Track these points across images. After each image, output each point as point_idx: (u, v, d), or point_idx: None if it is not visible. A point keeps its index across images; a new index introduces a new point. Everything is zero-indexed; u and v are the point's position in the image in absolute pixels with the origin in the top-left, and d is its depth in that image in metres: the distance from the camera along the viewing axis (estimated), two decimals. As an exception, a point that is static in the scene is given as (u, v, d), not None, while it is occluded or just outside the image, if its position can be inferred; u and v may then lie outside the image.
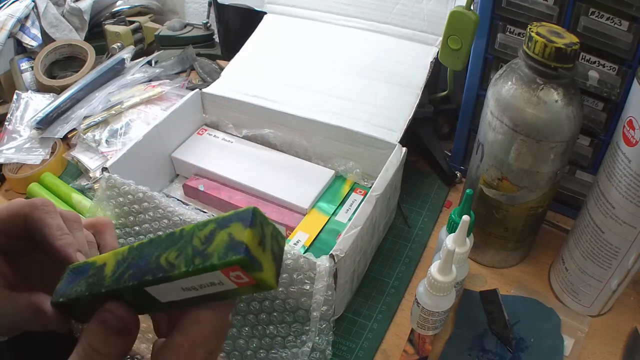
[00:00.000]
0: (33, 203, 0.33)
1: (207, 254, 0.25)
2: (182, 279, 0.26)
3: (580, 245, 0.54)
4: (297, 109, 0.67)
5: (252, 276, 0.25)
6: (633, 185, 0.45)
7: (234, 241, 0.25)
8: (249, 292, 0.26)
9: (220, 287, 0.26)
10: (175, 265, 0.26)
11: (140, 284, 0.27)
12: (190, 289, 0.27)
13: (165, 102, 0.83)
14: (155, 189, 0.66)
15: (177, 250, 0.27)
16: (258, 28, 0.79)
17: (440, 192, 0.72)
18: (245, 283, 0.25)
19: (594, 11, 0.50)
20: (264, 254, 0.26)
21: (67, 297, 0.31)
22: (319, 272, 0.47)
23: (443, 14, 0.67)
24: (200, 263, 0.25)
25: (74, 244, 0.33)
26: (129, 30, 0.97)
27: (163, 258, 0.27)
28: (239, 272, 0.25)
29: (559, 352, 0.53)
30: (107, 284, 0.29)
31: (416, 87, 0.67)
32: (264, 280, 0.25)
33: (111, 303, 0.28)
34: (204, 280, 0.26)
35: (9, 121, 0.81)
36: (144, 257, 0.28)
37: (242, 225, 0.25)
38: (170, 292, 0.27)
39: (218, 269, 0.25)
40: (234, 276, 0.25)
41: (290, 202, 0.63)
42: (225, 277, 0.25)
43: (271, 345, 0.51)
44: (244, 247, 0.24)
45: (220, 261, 0.25)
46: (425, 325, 0.50)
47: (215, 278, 0.25)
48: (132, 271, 0.28)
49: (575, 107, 0.48)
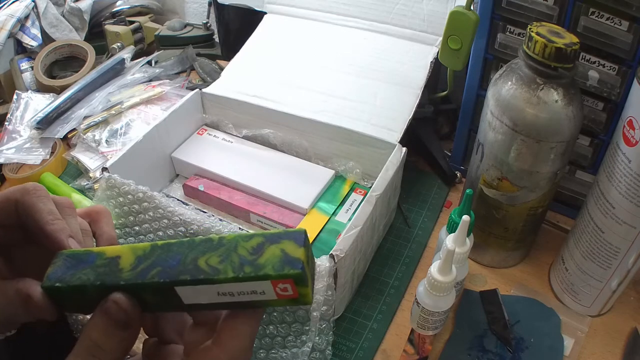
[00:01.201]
0: (24, 188, 0.32)
1: (258, 264, 0.27)
2: (227, 283, 0.27)
3: (580, 245, 0.54)
4: (297, 109, 0.67)
5: (299, 291, 0.27)
6: (633, 185, 0.45)
7: (290, 257, 0.27)
8: (283, 304, 0.28)
9: (260, 297, 0.27)
10: (221, 270, 0.27)
11: (173, 283, 0.27)
12: (227, 295, 0.27)
13: (165, 102, 0.83)
14: (155, 189, 0.66)
15: (219, 256, 0.27)
16: (258, 28, 0.79)
17: (440, 192, 0.72)
18: (287, 296, 0.27)
19: (594, 11, 0.50)
20: (309, 273, 0.27)
21: (67, 284, 0.29)
22: (319, 272, 0.48)
23: (443, 14, 0.67)
24: (252, 271, 0.26)
25: (65, 230, 0.31)
26: (129, 30, 0.97)
27: (202, 261, 0.27)
28: (288, 285, 0.26)
29: (559, 352, 0.53)
30: (127, 277, 0.28)
31: (416, 87, 0.67)
32: (307, 296, 0.27)
33: (117, 294, 0.28)
34: (248, 288, 0.27)
35: (9, 121, 0.81)
36: (174, 257, 0.28)
37: (295, 243, 0.27)
38: (201, 295, 0.28)
39: (271, 279, 0.26)
40: (281, 288, 0.27)
41: (290, 202, 0.63)
42: (271, 288, 0.27)
43: (271, 345, 0.51)
44: (301, 264, 0.26)
45: (275, 272, 0.26)
46: (425, 325, 0.50)
47: (260, 287, 0.27)
48: (160, 268, 0.28)
49: (575, 107, 0.48)
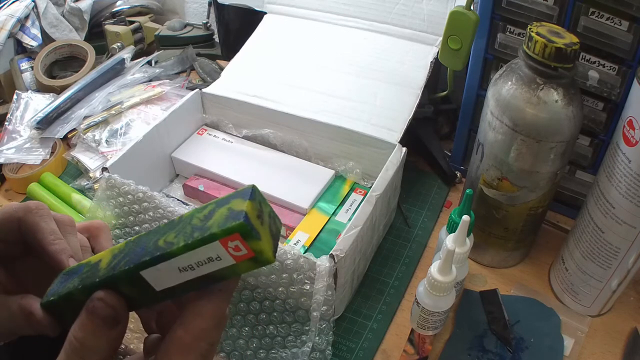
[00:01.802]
0: (27, 206, 0.33)
1: (206, 227, 0.26)
2: (181, 254, 0.26)
3: (580, 245, 0.54)
4: (297, 109, 0.67)
5: (251, 246, 0.25)
6: (633, 185, 0.45)
7: (233, 211, 0.25)
8: (246, 268, 0.27)
9: (219, 264, 0.26)
10: (174, 243, 0.26)
11: (136, 267, 0.27)
12: (187, 269, 0.27)
13: (165, 102, 0.83)
14: (155, 189, 0.66)
15: (176, 232, 0.27)
16: (258, 28, 0.79)
17: (440, 192, 0.72)
18: (243, 256, 0.26)
19: (594, 11, 0.50)
20: (262, 227, 0.26)
21: (58, 295, 0.30)
22: (319, 272, 0.47)
23: (443, 14, 0.67)
24: (199, 235, 0.26)
25: (66, 250, 0.32)
26: (129, 30, 0.97)
27: (161, 240, 0.27)
28: (237, 242, 0.25)
29: (559, 352, 0.53)
30: (102, 274, 0.29)
31: (416, 87, 0.67)
32: (263, 252, 0.26)
33: (100, 292, 0.28)
34: (202, 256, 0.26)
35: (9, 121, 0.81)
36: (141, 245, 0.28)
37: (241, 199, 0.26)
38: (166, 276, 0.27)
39: (218, 238, 0.25)
40: (233, 247, 0.25)
41: (290, 202, 0.63)
42: (223, 250, 0.26)
43: (271, 345, 0.51)
44: (243, 214, 0.25)
45: (219, 229, 0.25)
46: (425, 325, 0.50)
47: (213, 252, 0.26)
48: (128, 259, 0.28)
49: (575, 107, 0.48)
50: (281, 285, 0.49)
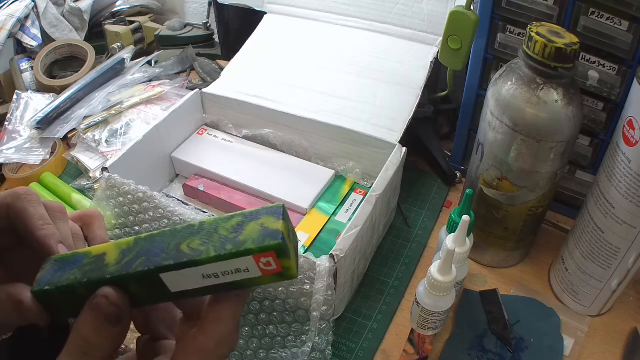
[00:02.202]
0: (15, 192, 0.32)
1: (239, 241, 0.27)
2: (210, 264, 0.27)
3: (580, 245, 0.54)
4: (297, 109, 0.67)
5: (282, 263, 0.27)
6: (633, 185, 0.45)
7: (269, 230, 0.27)
8: (269, 281, 0.27)
9: (244, 275, 0.27)
10: (203, 251, 0.27)
11: (157, 270, 0.27)
12: (212, 277, 0.27)
13: (165, 102, 0.83)
14: (155, 189, 0.66)
15: (200, 239, 0.27)
16: (258, 28, 0.79)
17: (440, 192, 0.72)
18: (271, 271, 0.27)
19: (594, 11, 0.50)
20: (290, 245, 0.27)
21: (56, 285, 0.29)
22: (319, 272, 0.47)
23: (443, 14, 0.67)
24: (234, 248, 0.26)
25: (56, 235, 0.31)
26: (129, 30, 0.97)
27: (184, 245, 0.27)
28: (270, 259, 0.26)
29: (559, 352, 0.53)
30: (112, 271, 0.28)
31: (416, 87, 0.67)
32: (290, 269, 0.27)
33: (105, 288, 0.28)
34: (232, 267, 0.27)
35: (9, 121, 0.81)
36: (157, 246, 0.28)
37: (274, 217, 0.27)
38: (187, 280, 0.28)
39: (252, 254, 0.26)
40: (264, 263, 0.26)
41: (290, 202, 0.63)
42: (254, 264, 0.27)
43: (271, 345, 0.51)
44: (281, 235, 0.26)
45: (256, 246, 0.26)
46: (425, 325, 0.50)
47: (244, 264, 0.27)
48: (144, 258, 0.28)
49: (575, 107, 0.48)
50: (281, 285, 0.49)
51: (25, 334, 0.34)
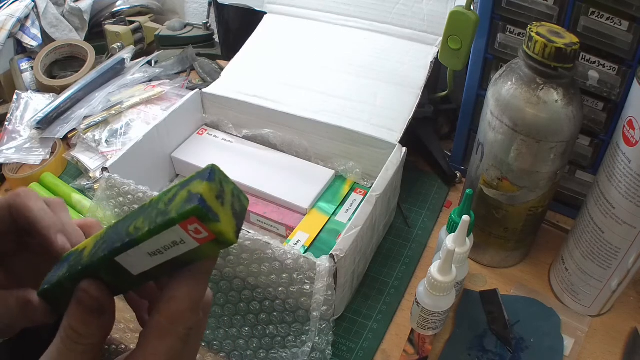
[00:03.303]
0: (15, 192, 0.34)
1: (167, 212, 0.26)
2: (146, 240, 0.26)
3: (580, 245, 0.54)
4: (297, 109, 0.67)
5: (210, 228, 0.25)
6: (633, 185, 0.45)
7: (191, 194, 0.25)
8: (210, 251, 0.27)
9: (184, 247, 0.26)
10: (141, 228, 0.27)
11: (110, 254, 0.28)
12: (156, 253, 0.27)
13: (165, 102, 0.83)
14: (155, 189, 0.66)
15: (144, 217, 0.27)
16: (258, 28, 0.79)
17: (440, 192, 0.72)
18: (205, 239, 0.26)
19: (594, 11, 0.50)
20: (222, 207, 0.26)
21: (51, 283, 0.31)
22: (319, 272, 0.47)
23: (443, 14, 0.67)
24: (162, 220, 0.26)
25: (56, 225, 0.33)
26: (129, 30, 0.97)
27: (132, 227, 0.27)
28: (196, 225, 0.25)
29: (559, 352, 0.53)
30: (85, 262, 0.29)
31: (416, 87, 0.67)
32: (222, 234, 0.25)
33: (85, 282, 0.29)
34: (166, 240, 0.26)
35: (9, 121, 0.81)
36: (116, 231, 0.29)
37: (200, 180, 0.26)
38: (139, 261, 0.28)
39: (177, 223, 0.25)
40: (193, 230, 0.25)
41: (290, 202, 0.63)
42: (185, 233, 0.26)
43: (271, 345, 0.51)
44: (198, 197, 0.25)
45: (177, 213, 0.25)
46: (425, 325, 0.50)
47: (176, 235, 0.26)
48: (105, 245, 0.28)
49: (575, 107, 0.48)
50: (281, 285, 0.49)
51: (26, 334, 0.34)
